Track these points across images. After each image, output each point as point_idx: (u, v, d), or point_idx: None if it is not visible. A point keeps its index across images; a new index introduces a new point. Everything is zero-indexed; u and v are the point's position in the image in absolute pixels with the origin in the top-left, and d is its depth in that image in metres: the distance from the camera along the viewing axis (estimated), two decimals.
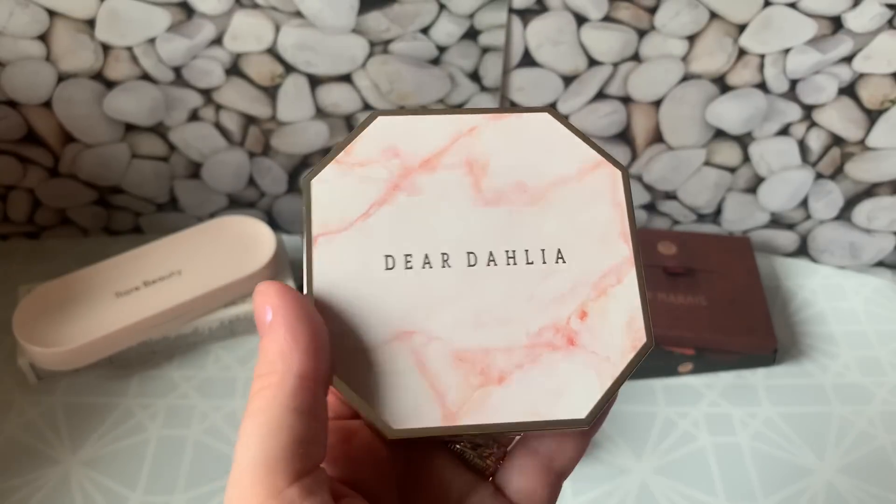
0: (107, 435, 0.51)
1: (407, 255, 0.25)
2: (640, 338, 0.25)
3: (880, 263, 0.64)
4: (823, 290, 0.62)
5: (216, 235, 0.58)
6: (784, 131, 0.58)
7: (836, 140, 0.58)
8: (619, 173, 0.27)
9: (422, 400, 0.24)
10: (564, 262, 0.25)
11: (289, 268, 0.58)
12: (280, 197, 0.63)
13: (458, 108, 0.27)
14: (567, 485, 0.48)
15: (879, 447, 0.51)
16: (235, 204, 0.63)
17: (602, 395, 0.24)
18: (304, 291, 0.24)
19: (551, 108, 0.27)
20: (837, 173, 0.59)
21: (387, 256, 0.25)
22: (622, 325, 0.25)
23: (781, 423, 0.53)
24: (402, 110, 0.26)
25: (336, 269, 0.25)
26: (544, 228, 0.26)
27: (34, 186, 0.61)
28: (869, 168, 0.59)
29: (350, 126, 0.58)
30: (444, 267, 0.25)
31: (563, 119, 0.27)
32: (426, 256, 0.25)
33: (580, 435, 0.26)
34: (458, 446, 0.26)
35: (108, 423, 0.52)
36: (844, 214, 0.61)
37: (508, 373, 0.24)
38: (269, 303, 0.22)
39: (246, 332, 0.57)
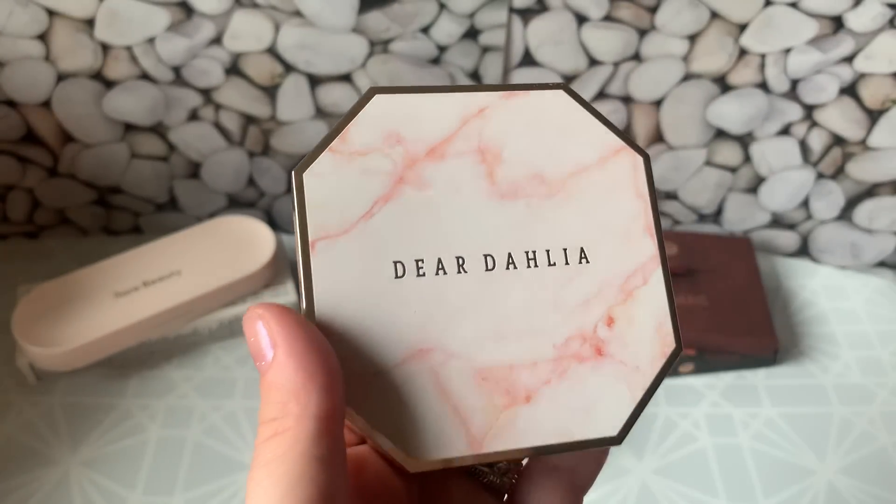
0: (106, 435, 0.51)
1: (418, 261, 0.22)
2: (670, 343, 0.23)
3: (881, 264, 0.64)
4: (824, 291, 0.62)
5: (216, 235, 0.58)
6: (785, 131, 0.58)
7: (837, 140, 0.57)
8: (640, 159, 0.24)
9: (445, 427, 0.21)
10: (588, 262, 0.23)
11: (288, 268, 0.58)
12: (280, 197, 0.63)
13: (464, 86, 0.24)
14: None
15: (880, 448, 0.51)
16: (235, 204, 0.63)
17: (633, 408, 0.22)
18: (303, 308, 0.21)
19: (566, 85, 0.25)
20: (838, 173, 0.59)
21: (395, 263, 0.22)
22: (651, 330, 0.23)
23: (782, 424, 0.52)
24: (401, 87, 0.24)
25: (338, 280, 0.22)
26: (565, 224, 0.24)
27: (33, 186, 0.60)
28: (870, 168, 0.58)
29: None
30: (459, 273, 0.23)
31: (579, 97, 0.25)
32: (440, 261, 0.23)
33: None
34: (475, 467, 0.24)
35: (108, 423, 0.52)
36: (845, 214, 0.61)
37: (535, 390, 0.22)
38: (268, 332, 0.19)
39: None
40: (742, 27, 0.52)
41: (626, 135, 0.25)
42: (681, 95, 0.56)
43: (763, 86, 0.55)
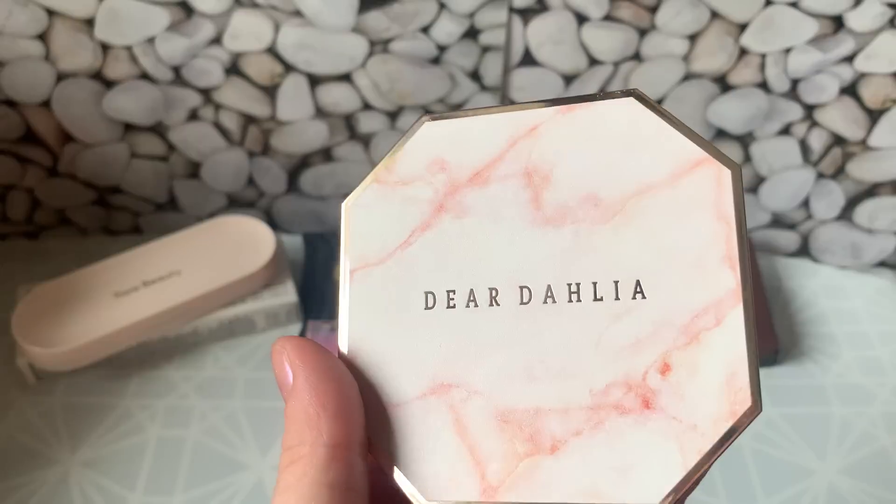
0: (106, 435, 0.51)
1: (449, 291, 0.22)
2: (744, 400, 0.19)
3: (882, 264, 0.64)
4: (825, 291, 0.62)
5: (216, 235, 0.58)
6: (785, 131, 0.58)
7: (838, 140, 0.57)
8: (728, 173, 0.20)
9: (458, 469, 0.20)
10: (644, 297, 0.20)
11: (288, 268, 0.58)
12: (280, 197, 0.63)
13: (520, 104, 0.23)
14: None
15: (881, 448, 0.51)
16: (235, 204, 0.63)
17: (685, 473, 0.19)
18: (339, 336, 0.22)
19: (637, 91, 0.22)
20: (839, 173, 0.59)
21: (427, 293, 0.22)
22: (718, 383, 0.19)
23: (783, 424, 0.52)
24: (453, 112, 0.23)
25: (370, 309, 0.22)
26: (619, 253, 0.21)
27: (33, 186, 0.60)
28: (870, 168, 0.58)
29: (349, 125, 0.58)
30: (491, 305, 0.21)
31: (654, 104, 0.22)
32: (471, 292, 0.21)
33: None
34: None
35: (107, 423, 0.52)
36: (846, 214, 0.61)
37: (563, 441, 0.20)
38: (288, 362, 0.20)
39: (245, 333, 0.57)
40: (742, 27, 0.52)
41: (711, 145, 0.21)
42: (681, 95, 0.56)
43: (763, 85, 0.55)
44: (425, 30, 0.53)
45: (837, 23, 0.52)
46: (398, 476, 0.21)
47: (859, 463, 0.50)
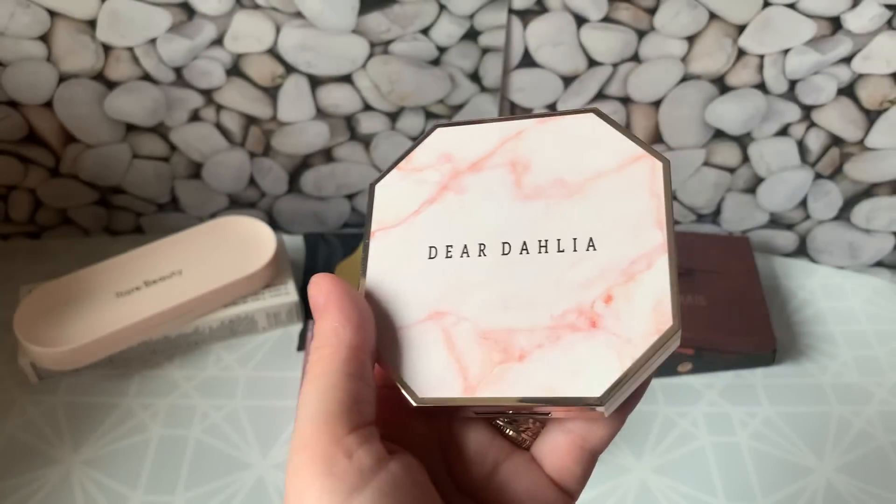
0: (107, 434, 0.51)
1: (448, 246, 0.27)
2: (666, 321, 0.24)
3: (879, 263, 0.64)
4: (822, 290, 0.62)
5: (217, 235, 0.58)
6: (783, 132, 0.58)
7: (836, 140, 0.58)
8: (660, 164, 0.27)
9: (447, 373, 0.25)
10: (595, 249, 0.26)
11: (289, 268, 0.59)
12: (281, 197, 0.63)
13: (511, 116, 0.29)
14: None
15: (878, 447, 0.51)
16: (236, 204, 0.64)
17: (620, 374, 0.24)
18: (361, 276, 0.28)
19: (596, 109, 0.28)
20: (836, 173, 0.60)
21: (430, 247, 0.28)
22: (648, 308, 0.25)
23: (780, 423, 0.53)
24: (459, 122, 0.30)
25: (386, 258, 0.28)
26: (578, 219, 0.27)
27: (35, 186, 0.61)
28: (868, 168, 0.59)
29: (350, 126, 0.58)
30: (480, 256, 0.27)
31: (609, 118, 0.28)
32: (465, 247, 0.27)
33: (613, 415, 0.26)
34: (497, 421, 0.28)
35: (109, 422, 0.52)
36: (843, 214, 0.62)
37: (528, 351, 0.25)
38: (322, 289, 0.25)
39: (247, 332, 0.57)
40: (741, 28, 0.53)
41: (648, 146, 0.27)
42: (679, 96, 0.56)
43: (761, 86, 0.55)
44: (425, 31, 0.53)
45: (835, 24, 0.52)
46: (398, 378, 0.26)
47: (857, 462, 0.50)
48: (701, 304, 0.56)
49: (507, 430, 0.28)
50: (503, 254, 0.27)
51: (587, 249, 0.26)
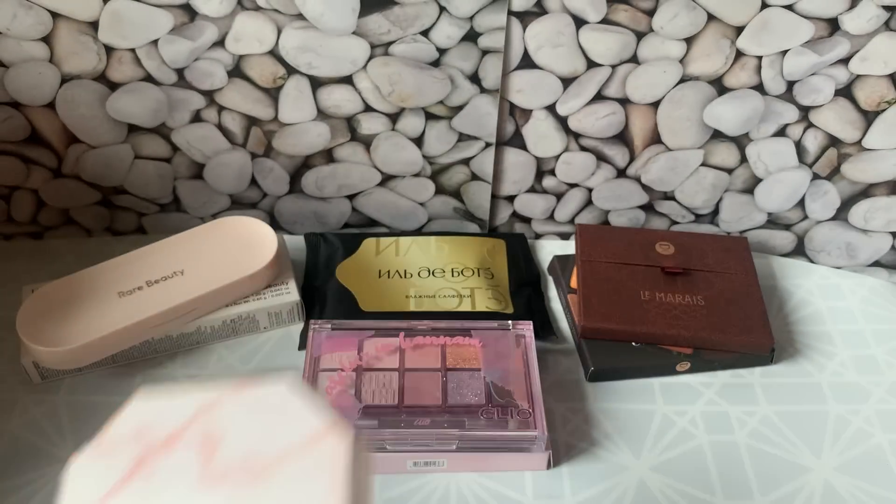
0: None
1: None
2: None
3: (877, 263, 0.64)
4: (820, 290, 0.62)
5: (218, 235, 0.58)
6: (781, 132, 0.58)
7: (833, 141, 0.58)
8: (344, 443, 0.26)
9: None
10: None
11: (291, 267, 0.59)
12: (282, 197, 0.63)
13: (210, 381, 0.29)
14: (565, 482, 0.49)
15: (876, 445, 0.52)
16: (237, 204, 0.64)
17: None
18: None
19: (294, 375, 0.28)
20: (834, 174, 0.60)
21: None
22: None
23: (778, 422, 0.53)
24: (160, 393, 0.29)
25: None
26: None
27: (38, 187, 0.61)
28: (865, 168, 0.59)
29: (351, 127, 0.59)
30: None
31: (306, 386, 0.28)
32: None
33: None
34: None
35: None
36: (841, 215, 0.62)
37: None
38: None
39: (248, 332, 0.57)
40: (739, 30, 0.53)
41: (339, 416, 0.27)
42: (678, 97, 0.57)
43: (759, 88, 0.56)
44: (425, 33, 0.53)
45: (833, 25, 0.52)
46: None
47: (855, 460, 0.51)
48: (699, 303, 0.57)
49: None
50: None
51: None
